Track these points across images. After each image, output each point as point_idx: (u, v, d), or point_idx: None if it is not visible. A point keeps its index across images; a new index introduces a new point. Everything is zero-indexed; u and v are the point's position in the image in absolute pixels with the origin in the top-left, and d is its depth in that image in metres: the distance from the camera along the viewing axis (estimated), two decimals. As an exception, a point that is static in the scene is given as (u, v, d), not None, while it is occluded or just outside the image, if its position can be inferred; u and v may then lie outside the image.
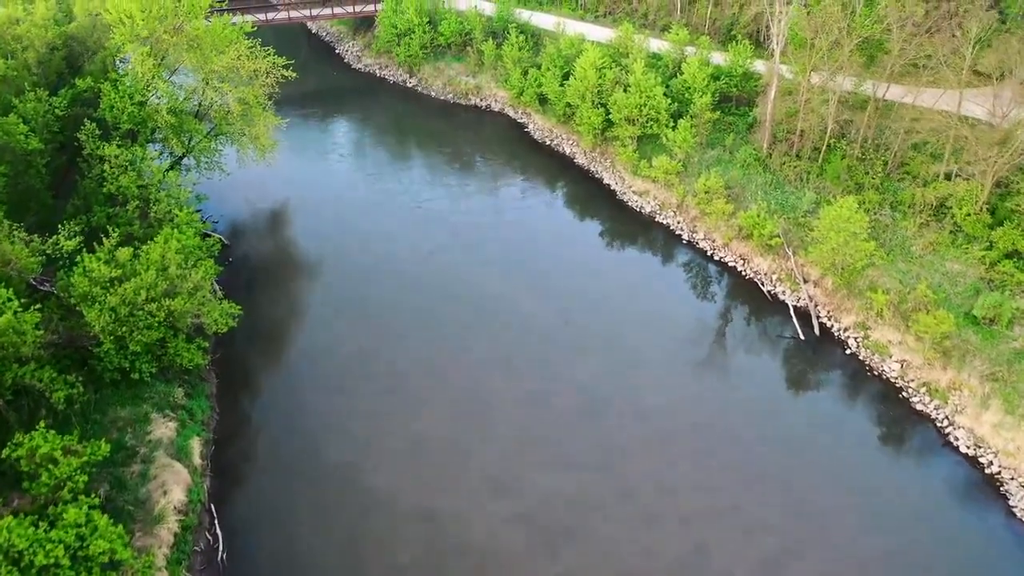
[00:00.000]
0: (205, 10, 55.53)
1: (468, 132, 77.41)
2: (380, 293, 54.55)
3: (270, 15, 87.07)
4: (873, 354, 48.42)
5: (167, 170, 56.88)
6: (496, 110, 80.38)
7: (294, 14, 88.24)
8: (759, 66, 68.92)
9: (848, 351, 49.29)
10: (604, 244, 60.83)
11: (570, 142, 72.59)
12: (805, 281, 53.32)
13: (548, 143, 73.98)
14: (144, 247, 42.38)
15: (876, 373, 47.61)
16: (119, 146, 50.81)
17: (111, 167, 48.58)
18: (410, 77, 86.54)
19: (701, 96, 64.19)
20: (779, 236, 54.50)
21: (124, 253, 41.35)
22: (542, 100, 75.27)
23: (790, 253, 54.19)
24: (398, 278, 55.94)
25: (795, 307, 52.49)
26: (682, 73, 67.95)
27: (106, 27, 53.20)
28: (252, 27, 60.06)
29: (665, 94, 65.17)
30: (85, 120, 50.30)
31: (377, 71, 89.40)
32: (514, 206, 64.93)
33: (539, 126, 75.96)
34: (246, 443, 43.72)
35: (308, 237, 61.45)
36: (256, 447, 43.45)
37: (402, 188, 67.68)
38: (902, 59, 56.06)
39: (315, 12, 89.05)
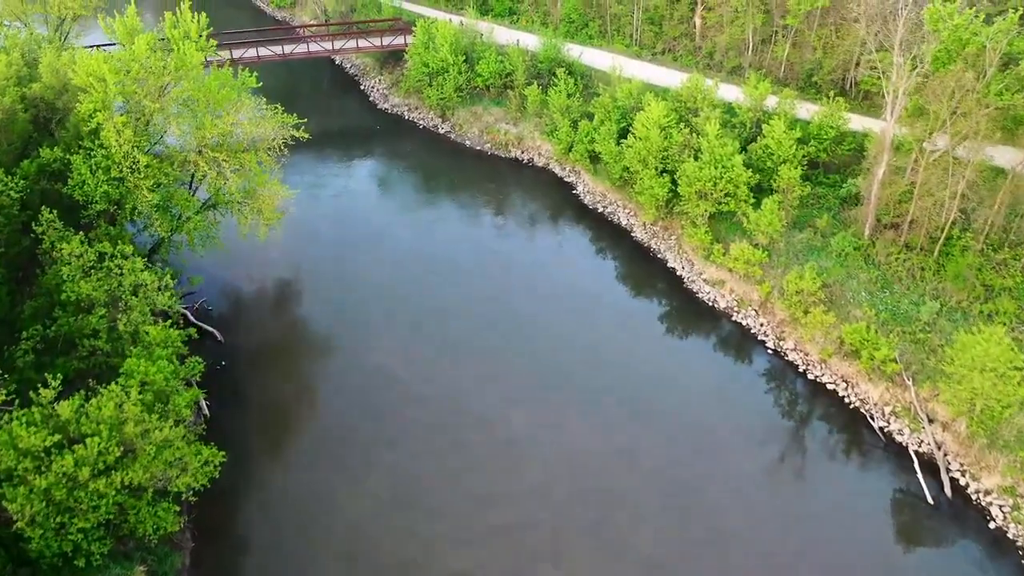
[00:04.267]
0: (198, 66, 46.18)
1: (507, 192, 67.37)
2: (394, 415, 44.69)
3: (288, 48, 77.90)
4: (1028, 533, 37.71)
5: (151, 251, 48.09)
6: (540, 165, 70.25)
7: (314, 47, 78.86)
8: (853, 122, 58.25)
9: (992, 523, 38.52)
10: (669, 349, 50.44)
11: (627, 211, 62.24)
12: (930, 421, 42.60)
13: (600, 210, 63.69)
14: (94, 400, 32.76)
15: (1034, 561, 36.89)
16: (85, 240, 41.68)
17: (71, 269, 39.33)
18: (442, 122, 76.71)
19: (789, 167, 53.59)
20: (896, 360, 43.83)
21: (66, 408, 31.86)
22: (593, 158, 65.09)
23: (909, 382, 43.51)
24: (418, 393, 46.07)
25: (917, 452, 41.84)
26: (763, 135, 57.36)
27: (78, 88, 43.97)
28: (257, 82, 50.58)
29: (744, 163, 54.59)
30: (43, 207, 41.20)
31: (405, 113, 79.66)
32: (561, 292, 54.54)
33: (589, 188, 65.74)
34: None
35: (318, 327, 51.94)
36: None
37: (429, 261, 57.65)
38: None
39: (338, 45, 79.60)
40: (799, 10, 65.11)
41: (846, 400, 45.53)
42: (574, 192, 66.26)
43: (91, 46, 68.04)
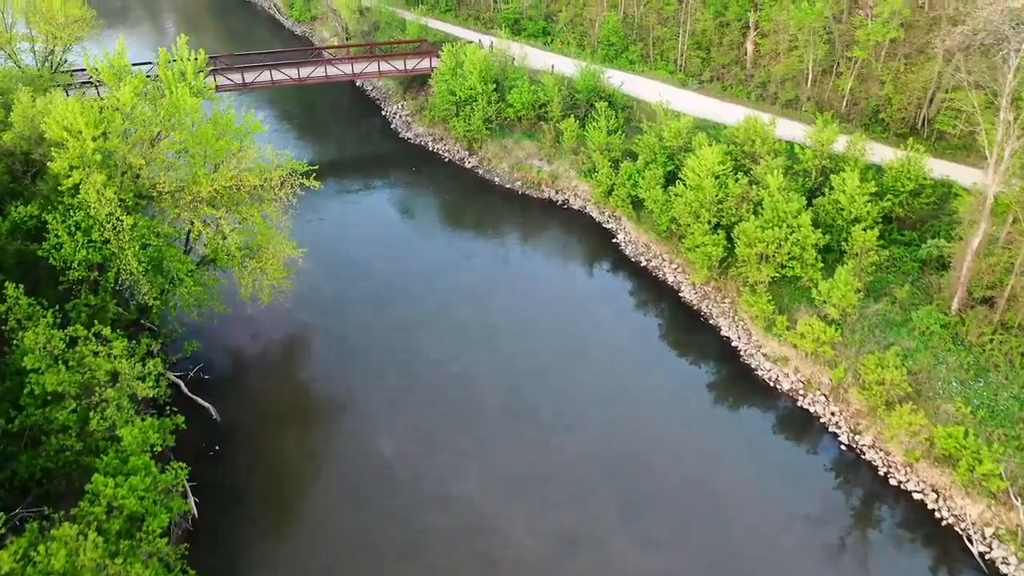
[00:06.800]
0: (195, 112, 40.50)
1: (540, 238, 60.99)
2: (408, 519, 38.65)
3: (304, 72, 72.18)
4: None
5: (141, 312, 42.55)
6: (576, 208, 63.87)
7: (332, 71, 73.16)
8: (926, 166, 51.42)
9: None
10: (725, 439, 43.32)
11: (673, 267, 55.77)
12: (1044, 552, 35.93)
13: (642, 263, 57.18)
14: (43, 546, 27.04)
15: None
16: (59, 315, 36.22)
17: (35, 359, 33.75)
18: (469, 155, 70.62)
19: (863, 227, 46.99)
20: (1002, 477, 37.13)
21: (7, 558, 26.17)
22: (636, 203, 58.71)
23: (1017, 503, 36.77)
24: (437, 490, 40.02)
25: (1027, 589, 35.22)
26: (830, 186, 50.76)
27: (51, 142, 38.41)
28: (261, 126, 44.84)
29: (811, 221, 47.91)
30: (7, 283, 35.71)
31: (429, 143, 73.67)
32: (602, 363, 48.10)
33: (631, 237, 59.31)
34: None
35: (326, 402, 46.07)
36: None
37: (452, 320, 51.49)
38: None
39: (358, 69, 73.84)
40: (868, 41, 58.46)
41: (937, 515, 38.81)
42: (614, 240, 59.79)
43: (83, 70, 63.05)
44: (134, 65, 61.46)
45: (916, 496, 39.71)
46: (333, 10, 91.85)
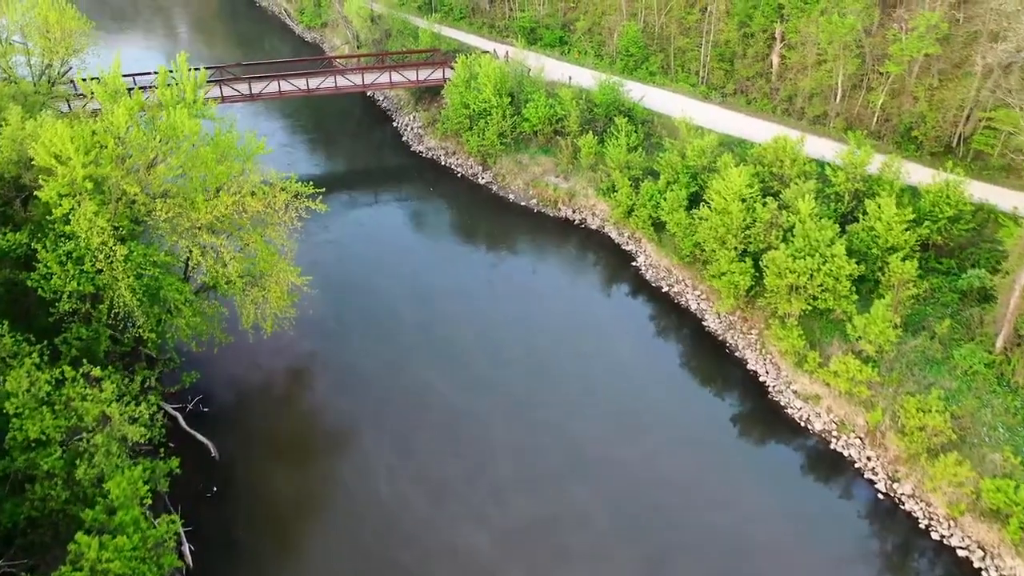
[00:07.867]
0: (194, 135, 38.20)
1: (556, 260, 58.41)
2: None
3: (313, 83, 69.88)
4: None
5: (138, 341, 40.31)
6: (594, 227, 61.16)
7: (342, 82, 70.86)
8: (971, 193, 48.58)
9: None
10: (753, 483, 40.56)
11: (697, 293, 53.10)
12: (1105, 622, 33.19)
13: (664, 288, 54.50)
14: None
15: None
16: (47, 352, 34.08)
17: (16, 404, 31.53)
18: (483, 170, 68.11)
19: (903, 259, 44.30)
20: (1058, 537, 34.44)
21: (-24, 639, 24.01)
22: (658, 225, 56.09)
23: (1074, 565, 34.10)
24: (447, 541, 37.60)
25: (1085, 662, 32.47)
26: (864, 212, 48.10)
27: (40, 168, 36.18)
28: (264, 147, 42.54)
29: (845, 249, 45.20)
30: (-8, 321, 33.57)
31: (442, 157, 71.20)
32: (619, 399, 45.48)
33: (652, 261, 56.65)
34: None
35: (330, 438, 43.89)
36: None
37: (463, 348, 49.06)
38: None
39: (369, 79, 71.56)
40: (902, 56, 55.60)
41: (984, 574, 36.06)
42: (633, 264, 57.09)
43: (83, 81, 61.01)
44: (137, 75, 60.22)
45: (960, 552, 36.97)
46: (344, 17, 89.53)
